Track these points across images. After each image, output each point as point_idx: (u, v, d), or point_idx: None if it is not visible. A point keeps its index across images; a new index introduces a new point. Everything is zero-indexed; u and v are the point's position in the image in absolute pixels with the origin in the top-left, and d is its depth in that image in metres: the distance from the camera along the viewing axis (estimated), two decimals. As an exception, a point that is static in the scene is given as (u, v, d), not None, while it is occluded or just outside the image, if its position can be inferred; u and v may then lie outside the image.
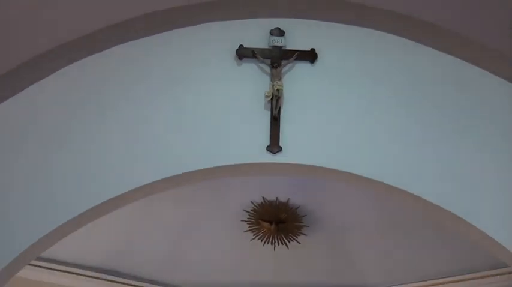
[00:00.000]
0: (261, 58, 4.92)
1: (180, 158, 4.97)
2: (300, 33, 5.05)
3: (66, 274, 7.45)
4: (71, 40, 4.74)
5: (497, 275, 7.13)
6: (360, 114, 5.00)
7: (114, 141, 5.03)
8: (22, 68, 4.79)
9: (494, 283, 7.15)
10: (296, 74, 5.07)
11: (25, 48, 4.70)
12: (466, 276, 7.27)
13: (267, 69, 5.01)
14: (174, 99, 5.08)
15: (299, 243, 7.42)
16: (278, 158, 4.93)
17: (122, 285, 7.78)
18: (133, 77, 5.06)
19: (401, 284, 7.63)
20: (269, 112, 4.91)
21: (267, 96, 4.87)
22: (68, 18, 4.65)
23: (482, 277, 7.26)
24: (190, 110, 4.98)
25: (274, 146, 4.84)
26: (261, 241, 7.44)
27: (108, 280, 7.71)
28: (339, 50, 5.07)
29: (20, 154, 5.01)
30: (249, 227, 7.40)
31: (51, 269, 7.29)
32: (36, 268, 7.00)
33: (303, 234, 7.41)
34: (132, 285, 7.74)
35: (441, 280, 7.39)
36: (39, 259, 6.46)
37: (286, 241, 7.43)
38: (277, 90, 4.93)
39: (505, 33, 4.70)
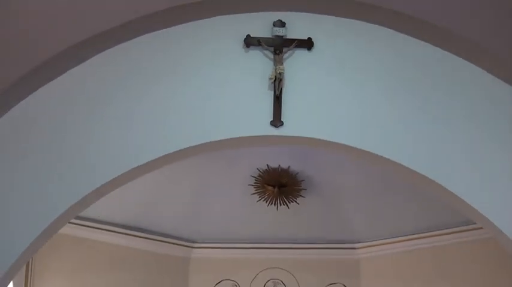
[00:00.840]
0: (265, 46, 5.04)
1: (200, 131, 5.16)
2: (299, 24, 5.15)
3: (100, 230, 7.61)
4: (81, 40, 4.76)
5: (466, 231, 7.29)
6: (351, 94, 5.13)
7: (143, 116, 5.16)
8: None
9: (462, 238, 7.32)
10: (295, 60, 5.18)
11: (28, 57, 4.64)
12: (437, 232, 7.46)
13: (271, 55, 5.10)
14: (191, 83, 5.15)
15: (298, 204, 7.60)
16: (280, 131, 5.12)
17: (147, 240, 7.82)
18: (159, 63, 5.24)
19: (386, 238, 7.69)
20: (272, 92, 5.03)
21: (270, 79, 5.03)
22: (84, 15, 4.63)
23: (452, 233, 7.45)
24: (205, 92, 5.14)
25: (277, 121, 5.02)
26: (266, 202, 7.61)
27: (135, 236, 7.78)
28: (333, 39, 5.15)
29: (67, 125, 5.16)
30: (256, 190, 7.55)
31: (87, 226, 7.46)
32: (75, 225, 7.17)
33: (302, 196, 7.59)
34: (156, 240, 7.85)
35: (418, 235, 7.52)
36: (77, 217, 6.55)
37: (287, 202, 7.59)
38: (279, 73, 4.99)
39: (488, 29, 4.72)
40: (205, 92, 5.11)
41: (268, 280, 7.94)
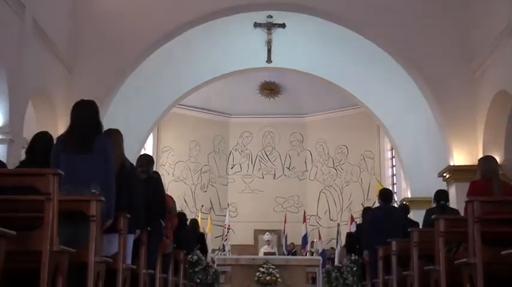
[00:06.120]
0: (263, 27, 6.52)
1: (230, 66, 6.27)
2: (279, 16, 6.47)
3: (187, 109, 8.26)
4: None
5: (351, 109, 8.13)
6: (306, 46, 6.20)
7: (201, 54, 6.07)
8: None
9: (351, 113, 8.04)
10: (278, 32, 6.44)
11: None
12: (341, 109, 8.39)
13: (266, 31, 6.57)
14: (226, 44, 6.25)
15: (279, 97, 8.97)
16: (270, 65, 6.45)
17: (209, 113, 8.27)
18: (214, 42, 6.39)
19: (318, 112, 8.58)
20: (267, 47, 6.43)
21: (266, 42, 6.44)
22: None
23: (348, 110, 8.35)
24: (232, 48, 6.26)
25: (269, 60, 6.59)
26: (264, 97, 8.84)
27: (202, 111, 8.24)
28: (296, 22, 6.28)
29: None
30: (259, 92, 8.89)
31: (181, 108, 8.13)
32: (176, 107, 7.72)
33: (281, 94, 8.89)
34: (213, 113, 8.50)
35: (331, 111, 8.40)
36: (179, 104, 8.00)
37: (274, 97, 8.90)
38: (270, 39, 6.57)
39: None
40: (232, 48, 6.44)
41: (265, 131, 9.00)
